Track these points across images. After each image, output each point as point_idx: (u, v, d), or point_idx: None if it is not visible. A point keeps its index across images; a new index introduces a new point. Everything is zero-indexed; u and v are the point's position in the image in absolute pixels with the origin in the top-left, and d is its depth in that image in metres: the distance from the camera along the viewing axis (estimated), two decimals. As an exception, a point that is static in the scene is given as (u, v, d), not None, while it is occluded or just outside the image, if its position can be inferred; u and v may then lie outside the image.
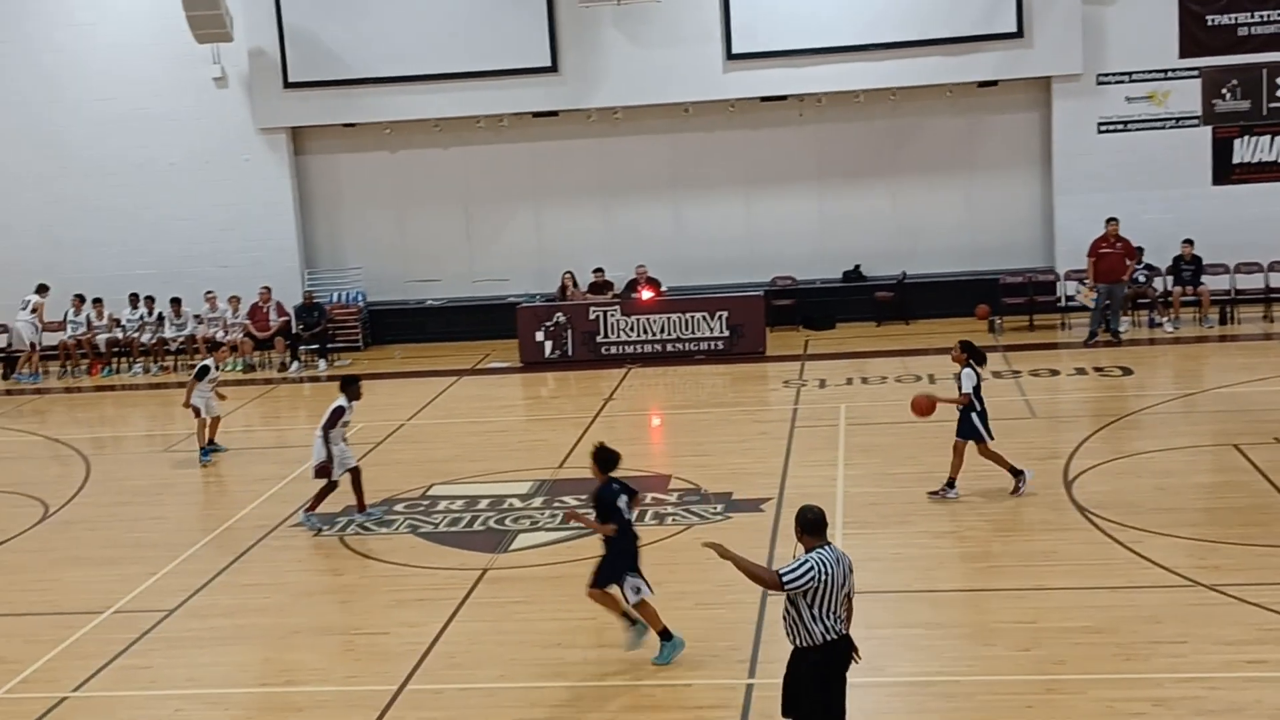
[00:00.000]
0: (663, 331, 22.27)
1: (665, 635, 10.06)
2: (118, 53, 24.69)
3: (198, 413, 17.01)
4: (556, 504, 14.23)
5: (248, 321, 23.85)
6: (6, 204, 25.00)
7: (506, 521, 13.97)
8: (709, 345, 22.23)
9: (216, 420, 17.32)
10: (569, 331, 22.45)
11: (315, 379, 22.80)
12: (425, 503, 14.80)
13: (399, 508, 14.66)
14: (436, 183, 25.28)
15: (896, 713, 9.21)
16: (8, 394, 22.91)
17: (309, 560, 13.31)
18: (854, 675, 7.97)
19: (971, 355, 13.74)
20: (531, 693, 9.78)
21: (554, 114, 24.53)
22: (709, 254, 24.60)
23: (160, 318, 24.18)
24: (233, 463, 17.15)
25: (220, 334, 23.71)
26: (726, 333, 22.23)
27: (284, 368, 23.36)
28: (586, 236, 24.82)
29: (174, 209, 24.69)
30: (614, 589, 10.10)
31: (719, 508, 13.95)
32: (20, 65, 24.90)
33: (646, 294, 22.80)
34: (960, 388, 13.60)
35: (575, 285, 23.41)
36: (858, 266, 24.63)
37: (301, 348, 23.59)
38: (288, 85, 24.25)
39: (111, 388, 23.01)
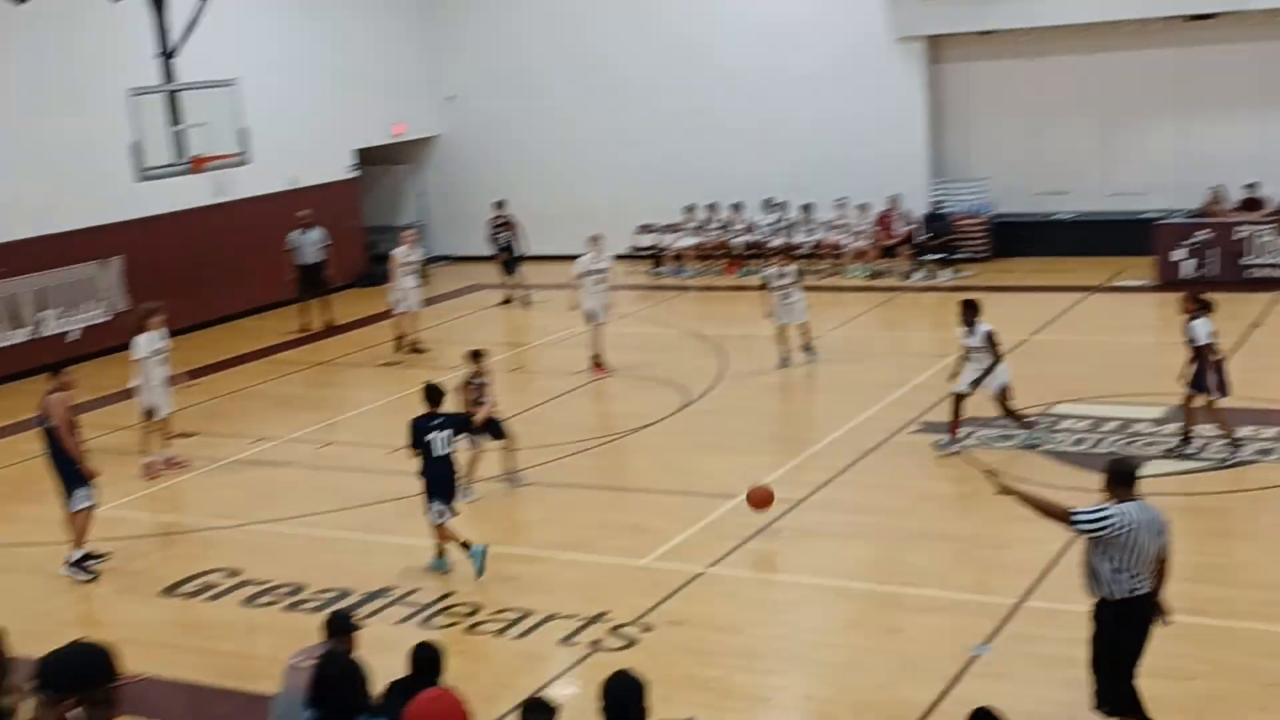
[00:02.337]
0: (1321, 254, 20.27)
1: (465, 546, 11.06)
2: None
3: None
4: (1191, 432, 13.44)
5: (875, 230, 24.25)
6: (653, 113, 26.72)
7: (1134, 446, 13.39)
8: (1377, 271, 19.98)
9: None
10: (1212, 250, 20.96)
11: (937, 289, 22.85)
12: (1048, 420, 14.48)
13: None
14: (1073, 91, 24.27)
15: None
16: (654, 289, 24.77)
17: (930, 467, 13.45)
18: None
19: (1200, 305, 12.64)
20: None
21: (1209, 17, 22.74)
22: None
23: (792, 223, 25.12)
24: (854, 367, 17.57)
25: (848, 240, 24.30)
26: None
27: (907, 276, 23.58)
28: (1237, 150, 22.92)
29: (809, 118, 25.40)
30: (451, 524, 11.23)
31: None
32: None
33: (1304, 212, 20.79)
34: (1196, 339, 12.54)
35: (1223, 201, 21.76)
36: None
37: (926, 257, 23.68)
38: (928, -7, 24.12)
39: (744, 288, 24.24)
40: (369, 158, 27.44)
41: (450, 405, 12.10)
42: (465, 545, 11.20)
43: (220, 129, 19.22)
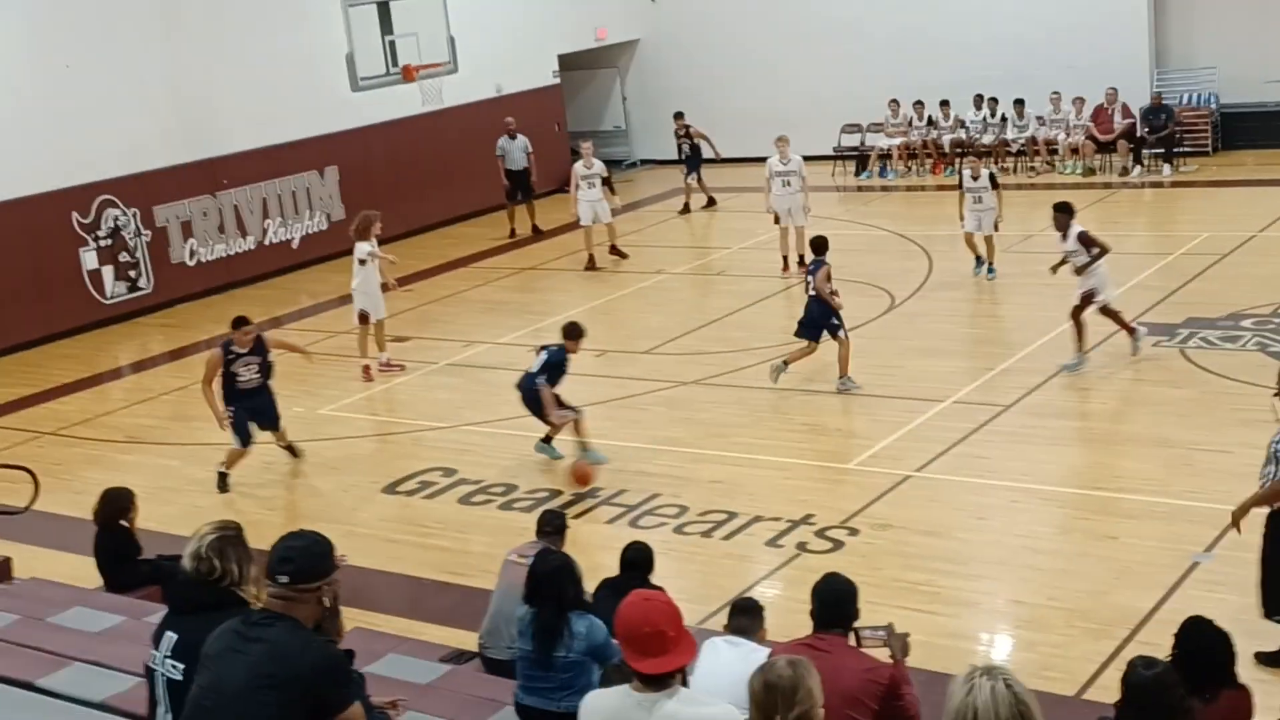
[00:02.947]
0: None
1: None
2: None
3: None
4: None
5: (1090, 124, 23.32)
6: (861, 8, 26.06)
7: (1371, 348, 12.72)
8: None
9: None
10: None
11: (1159, 184, 21.91)
12: (1277, 320, 13.84)
13: (1246, 324, 13.84)
14: (1310, -30, 22.79)
15: None
16: (858, 190, 24.39)
17: (1145, 370, 13.02)
18: None
19: None
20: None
21: None
22: None
23: (1003, 119, 24.34)
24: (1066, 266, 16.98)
25: (1062, 135, 23.45)
26: None
27: (1125, 172, 22.66)
28: None
29: (1021, 7, 24.42)
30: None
31: None
32: None
33: None
34: None
35: None
36: None
37: (1145, 152, 22.70)
38: None
39: (951, 188, 23.66)
40: (571, 63, 27.56)
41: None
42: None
43: (429, 39, 19.56)
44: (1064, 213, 13.30)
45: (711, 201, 23.42)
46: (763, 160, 18.83)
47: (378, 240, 15.61)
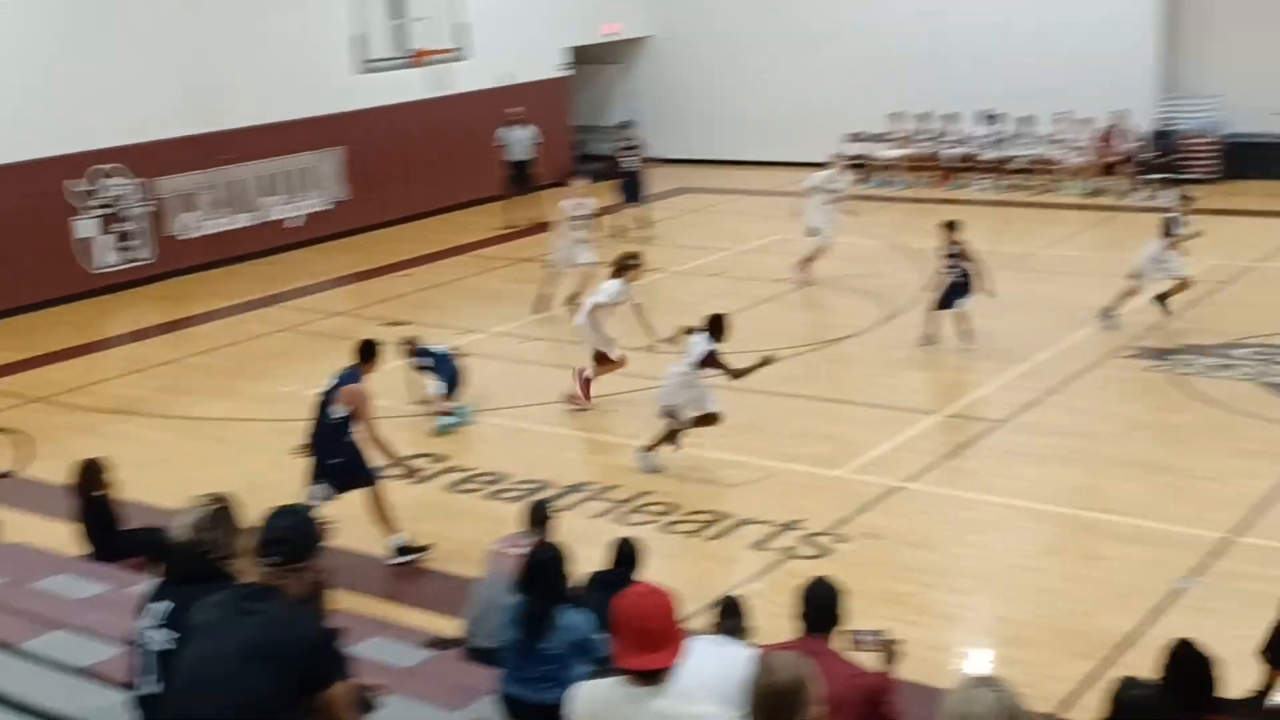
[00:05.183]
0: None
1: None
2: None
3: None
4: None
5: (1096, 145, 23.34)
6: (870, 17, 26.06)
7: (1365, 383, 12.76)
8: None
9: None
10: None
11: (1160, 210, 21.90)
12: (1272, 350, 13.87)
13: (1241, 353, 13.87)
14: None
15: None
16: (861, 199, 24.34)
17: (1141, 395, 13.04)
18: None
19: None
20: (1380, 571, 8.98)
21: None
22: None
23: (1008, 136, 24.35)
24: (1066, 287, 17.03)
25: (1066, 156, 23.47)
26: None
27: (1127, 195, 22.68)
28: None
29: (1032, 25, 24.39)
30: None
31: None
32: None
33: None
34: None
35: None
36: None
37: (1149, 176, 22.72)
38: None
39: (955, 201, 23.66)
40: (582, 57, 27.54)
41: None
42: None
43: (440, 24, 19.50)
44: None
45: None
46: (765, 164, 18.79)
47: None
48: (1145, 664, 5.58)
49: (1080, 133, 23.49)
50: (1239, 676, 7.22)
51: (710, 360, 11.27)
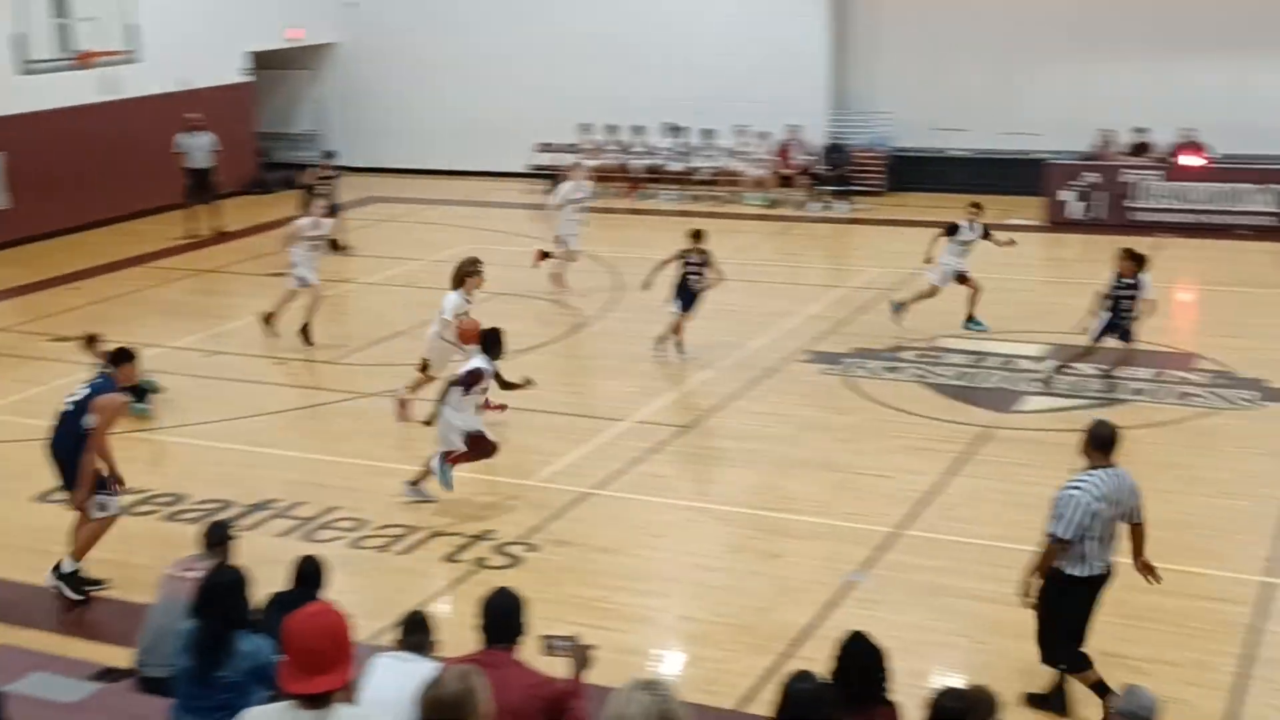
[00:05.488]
0: (1204, 202, 20.78)
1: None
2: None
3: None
4: (1069, 370, 13.77)
5: (774, 158, 24.30)
6: (557, 31, 26.37)
7: (1017, 382, 13.71)
8: (1256, 221, 20.54)
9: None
10: (1099, 193, 21.39)
11: (833, 220, 23.02)
12: (933, 354, 14.75)
13: (906, 355, 14.69)
14: (976, 28, 24.43)
15: None
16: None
17: (815, 397, 13.62)
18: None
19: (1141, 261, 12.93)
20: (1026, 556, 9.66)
21: (1109, -40, 23.00)
22: (1269, 120, 22.34)
23: (692, 148, 25.06)
24: (746, 294, 17.63)
25: (747, 168, 24.33)
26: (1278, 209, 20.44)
27: (802, 206, 23.70)
28: (1130, 93, 23.27)
29: (713, 43, 25.20)
30: None
31: (1251, 394, 13.05)
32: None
33: (1190, 159, 21.25)
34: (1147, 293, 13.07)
35: (1111, 145, 22.16)
36: None
37: (823, 188, 23.81)
38: (835, -79, 24.04)
39: (642, 211, 24.16)
40: (267, 62, 26.77)
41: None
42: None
43: (109, 24, 18.63)
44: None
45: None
46: (458, 174, 18.73)
47: None
48: (821, 656, 5.81)
49: (760, 146, 24.41)
50: (907, 663, 7.66)
51: (476, 378, 10.85)
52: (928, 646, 8.40)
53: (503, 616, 5.49)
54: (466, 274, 12.81)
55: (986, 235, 15.79)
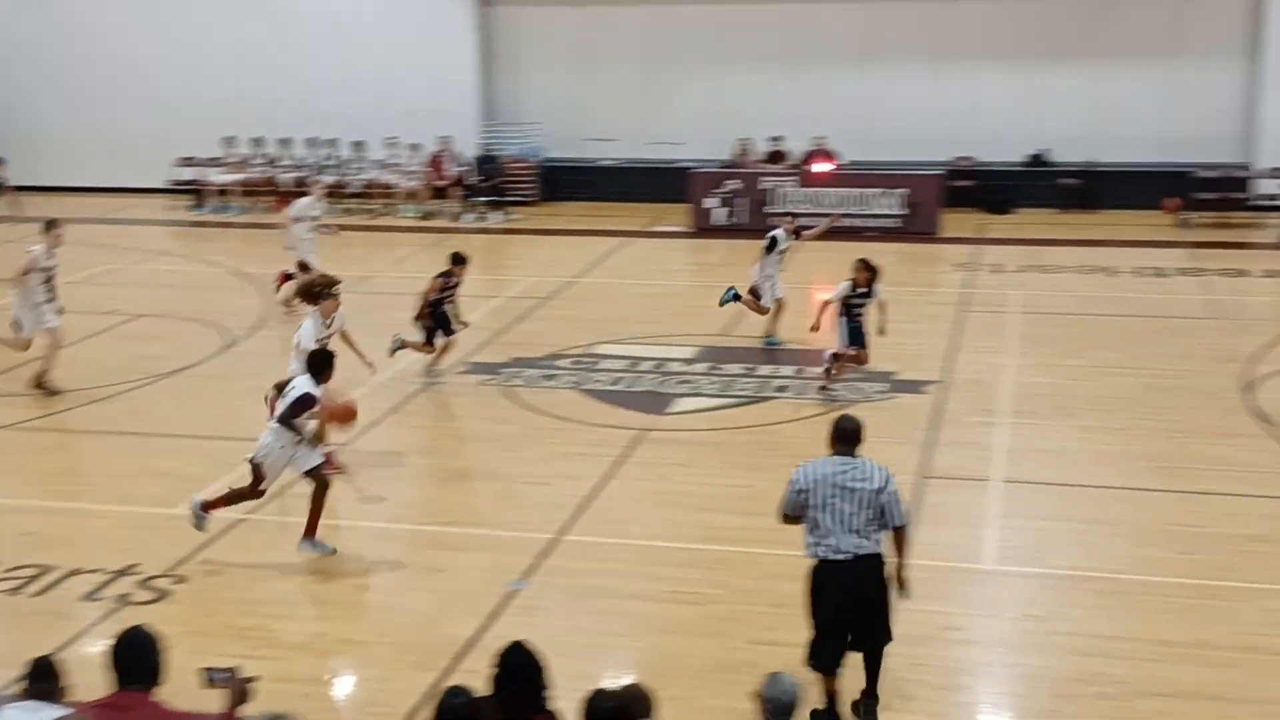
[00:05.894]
0: (835, 205, 21.98)
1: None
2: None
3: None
4: (718, 371, 14.28)
5: (426, 169, 24.19)
6: (199, 44, 25.46)
7: (668, 384, 14.10)
8: (882, 223, 21.89)
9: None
10: (741, 199, 22.30)
11: (488, 231, 23.09)
12: (589, 360, 15.01)
13: (563, 363, 14.89)
14: (618, 41, 25.08)
15: (1049, 603, 9.13)
16: (195, 226, 23.69)
17: (475, 409, 13.62)
18: (1005, 564, 7.88)
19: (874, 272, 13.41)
20: (685, 553, 9.96)
21: (742, -25, 24.06)
22: (892, 128, 23.90)
23: (342, 161, 24.65)
24: (401, 307, 17.45)
25: (399, 180, 24.13)
26: (903, 211, 21.84)
27: (458, 218, 23.69)
28: (765, 104, 24.42)
29: (361, 55, 24.91)
30: None
31: (882, 387, 13.86)
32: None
33: (821, 166, 22.45)
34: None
35: (750, 153, 23.17)
36: (1043, 151, 23.89)
37: (476, 199, 23.87)
38: (477, -66, 24.17)
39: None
40: None
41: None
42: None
43: None
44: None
45: None
46: (90, 190, 17.77)
47: None
48: (485, 668, 5.78)
49: (412, 158, 24.25)
50: (570, 667, 7.74)
51: (307, 403, 9.96)
52: (589, 649, 8.52)
53: (134, 656, 5.23)
54: (319, 295, 11.69)
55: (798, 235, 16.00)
